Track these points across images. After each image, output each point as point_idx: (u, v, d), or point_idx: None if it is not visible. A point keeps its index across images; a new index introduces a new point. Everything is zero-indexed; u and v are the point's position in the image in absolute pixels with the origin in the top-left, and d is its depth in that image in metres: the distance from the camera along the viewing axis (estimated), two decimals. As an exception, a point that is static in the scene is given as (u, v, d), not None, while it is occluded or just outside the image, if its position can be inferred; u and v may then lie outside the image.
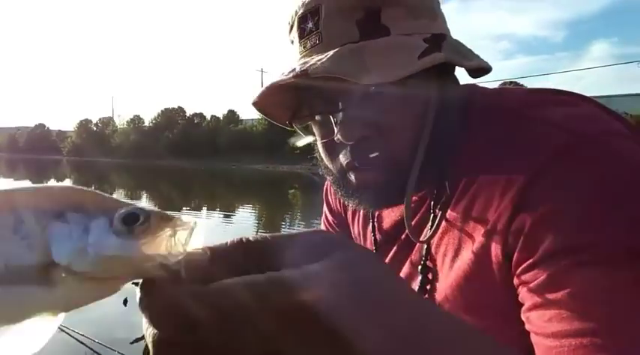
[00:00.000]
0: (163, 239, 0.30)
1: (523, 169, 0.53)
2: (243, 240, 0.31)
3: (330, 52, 0.58)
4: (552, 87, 0.68)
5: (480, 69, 0.64)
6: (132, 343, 2.90)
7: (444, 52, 0.59)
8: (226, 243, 0.31)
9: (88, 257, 0.29)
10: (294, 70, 0.59)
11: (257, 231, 7.20)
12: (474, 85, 0.70)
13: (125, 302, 3.56)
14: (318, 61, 0.57)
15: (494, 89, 0.72)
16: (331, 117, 0.60)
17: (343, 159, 0.61)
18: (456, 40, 0.65)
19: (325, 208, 1.04)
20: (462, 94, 0.67)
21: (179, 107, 45.83)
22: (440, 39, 0.61)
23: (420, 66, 0.56)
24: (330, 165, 0.65)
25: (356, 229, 0.88)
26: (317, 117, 0.64)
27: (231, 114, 41.53)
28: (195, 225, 0.31)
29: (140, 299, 0.30)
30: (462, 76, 0.70)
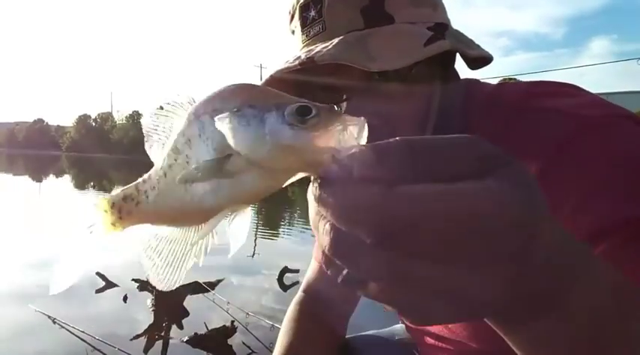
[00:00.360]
0: (334, 132, 0.30)
1: (535, 157, 0.52)
2: (407, 141, 0.27)
3: (336, 40, 0.57)
4: (553, 83, 0.68)
5: (480, 59, 0.64)
6: (132, 339, 2.90)
7: (447, 40, 0.59)
8: (389, 142, 0.27)
9: (265, 146, 0.31)
10: (299, 57, 0.59)
11: (256, 228, 7.21)
12: (473, 79, 0.70)
13: (125, 298, 3.57)
14: (324, 48, 0.57)
15: (494, 84, 0.72)
16: (335, 107, 0.60)
17: None
18: (457, 30, 0.65)
19: None
20: (462, 88, 0.67)
21: (178, 103, 45.55)
22: (443, 28, 0.61)
23: (426, 53, 0.56)
24: None
25: None
26: None
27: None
28: (364, 122, 0.30)
29: (318, 191, 0.27)
30: (461, 71, 0.70)
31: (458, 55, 0.65)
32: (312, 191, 0.28)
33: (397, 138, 0.27)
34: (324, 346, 0.96)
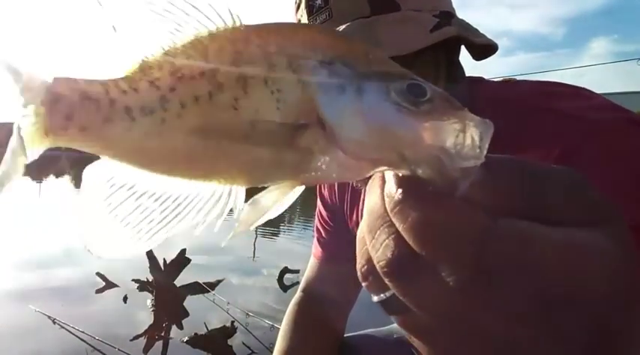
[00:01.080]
0: (451, 129, 0.22)
1: (545, 159, 0.52)
2: (521, 165, 0.23)
3: (342, 27, 0.58)
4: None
5: (486, 49, 0.64)
6: (132, 339, 2.90)
7: (454, 27, 0.59)
8: (501, 160, 0.22)
9: (359, 125, 0.23)
10: None
11: (256, 229, 7.20)
12: (477, 77, 0.70)
13: (125, 298, 3.57)
14: None
15: (499, 81, 0.72)
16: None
17: None
18: (462, 19, 0.65)
19: (319, 203, 1.04)
20: (466, 84, 0.67)
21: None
22: (449, 16, 0.62)
23: (433, 39, 0.56)
24: None
25: (355, 217, 0.88)
26: None
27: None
28: (491, 127, 0.22)
29: (403, 196, 0.22)
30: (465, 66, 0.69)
31: (463, 48, 0.66)
32: (389, 192, 0.23)
33: (507, 156, 0.23)
34: (323, 347, 0.96)
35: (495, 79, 0.74)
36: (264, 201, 0.26)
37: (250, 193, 0.27)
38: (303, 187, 0.26)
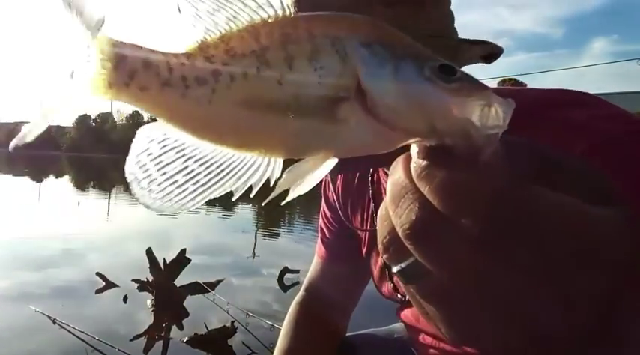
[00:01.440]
0: (477, 105, 0.25)
1: None
2: (539, 149, 0.25)
3: None
4: (552, 84, 0.68)
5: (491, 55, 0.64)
6: (132, 339, 2.90)
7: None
8: (521, 141, 0.25)
9: (396, 92, 0.26)
10: None
11: (256, 228, 7.21)
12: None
13: (125, 298, 3.57)
14: None
15: (506, 88, 0.72)
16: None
17: None
18: (463, 39, 0.65)
19: (323, 204, 1.04)
20: None
21: (178, 103, 45.63)
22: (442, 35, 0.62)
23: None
24: None
25: (359, 217, 0.88)
26: None
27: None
28: (512, 105, 0.25)
29: (428, 161, 0.24)
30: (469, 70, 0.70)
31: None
32: (416, 159, 0.25)
33: (528, 140, 0.26)
34: (324, 346, 0.96)
35: (495, 79, 0.74)
36: (298, 171, 0.29)
37: (287, 167, 0.30)
38: (335, 160, 0.29)
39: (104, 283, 3.84)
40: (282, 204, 0.30)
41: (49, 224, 6.62)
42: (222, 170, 0.29)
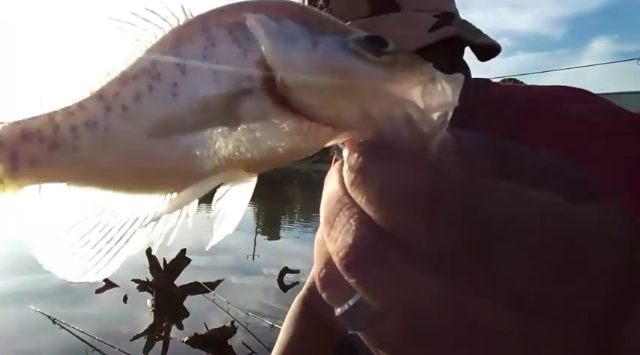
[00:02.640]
0: (417, 79, 0.20)
1: None
2: (497, 141, 0.20)
3: None
4: (553, 84, 0.68)
5: (489, 49, 0.64)
6: (132, 339, 2.90)
7: (453, 27, 0.59)
8: (475, 134, 0.19)
9: (314, 71, 0.21)
10: None
11: (256, 229, 7.20)
12: (483, 79, 0.71)
13: (125, 298, 3.57)
14: None
15: (506, 85, 0.72)
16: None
17: None
18: (464, 20, 0.65)
19: None
20: (471, 86, 0.67)
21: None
22: (450, 16, 0.62)
23: (431, 39, 0.56)
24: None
25: None
26: None
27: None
28: (462, 80, 0.20)
29: (363, 161, 0.18)
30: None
31: (468, 48, 0.66)
32: (349, 162, 0.19)
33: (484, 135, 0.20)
34: (322, 344, 0.96)
35: (495, 79, 0.74)
36: (222, 205, 0.24)
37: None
38: (254, 178, 0.24)
39: (104, 283, 3.84)
40: (207, 248, 0.25)
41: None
42: (135, 219, 0.24)
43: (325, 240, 0.19)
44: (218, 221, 0.24)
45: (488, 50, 0.65)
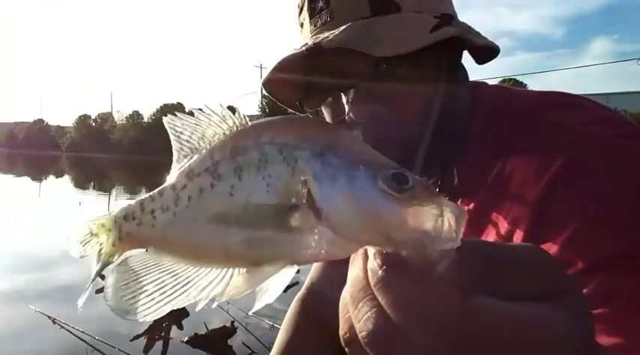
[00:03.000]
0: (430, 214, 0.25)
1: (537, 175, 0.52)
2: (488, 250, 0.26)
3: (342, 27, 0.58)
4: (553, 84, 0.69)
5: (488, 52, 0.64)
6: (132, 339, 2.90)
7: (454, 28, 0.59)
8: (471, 245, 0.26)
9: (350, 210, 0.26)
10: (306, 44, 0.59)
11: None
12: (480, 82, 0.70)
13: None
14: (331, 34, 0.58)
15: (504, 87, 0.72)
16: (342, 95, 0.60)
17: None
18: (463, 22, 0.65)
19: None
20: (468, 88, 0.67)
21: (178, 103, 45.69)
22: (449, 18, 0.62)
23: (432, 39, 0.56)
24: None
25: None
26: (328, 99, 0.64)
27: (230, 111, 41.60)
28: (465, 213, 0.25)
29: (387, 273, 0.25)
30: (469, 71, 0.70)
31: (466, 52, 0.66)
32: (373, 267, 0.25)
33: (478, 240, 0.27)
34: (321, 344, 0.96)
35: (495, 80, 0.74)
36: (258, 275, 0.31)
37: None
38: (294, 269, 0.30)
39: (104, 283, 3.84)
40: (251, 313, 0.32)
41: (49, 224, 6.61)
42: (189, 283, 0.32)
43: (350, 315, 0.26)
44: (262, 293, 0.32)
45: (487, 52, 0.65)
